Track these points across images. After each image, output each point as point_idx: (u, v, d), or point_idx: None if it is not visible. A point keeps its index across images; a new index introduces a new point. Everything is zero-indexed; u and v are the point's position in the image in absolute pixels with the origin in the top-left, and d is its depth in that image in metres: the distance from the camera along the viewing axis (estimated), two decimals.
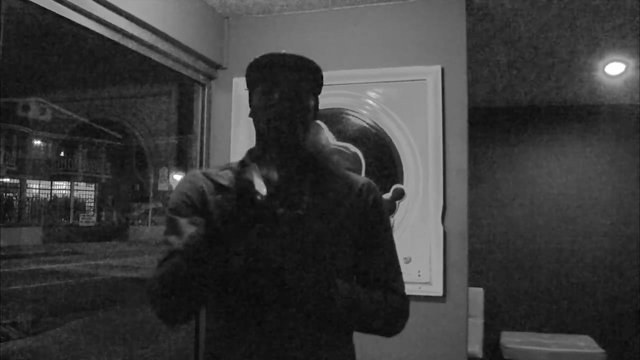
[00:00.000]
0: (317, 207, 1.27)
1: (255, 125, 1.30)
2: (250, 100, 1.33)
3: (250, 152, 1.36)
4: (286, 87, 1.24)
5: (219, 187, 1.29)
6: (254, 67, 1.28)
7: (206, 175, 1.32)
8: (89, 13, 2.09)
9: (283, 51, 1.26)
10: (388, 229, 1.39)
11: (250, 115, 1.32)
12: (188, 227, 1.22)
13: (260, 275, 1.17)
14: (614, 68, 3.73)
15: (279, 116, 1.23)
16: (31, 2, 1.88)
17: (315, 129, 2.74)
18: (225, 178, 1.31)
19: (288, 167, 1.28)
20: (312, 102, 1.30)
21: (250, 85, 1.32)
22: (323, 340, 1.23)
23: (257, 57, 1.26)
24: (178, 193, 1.30)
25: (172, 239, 1.22)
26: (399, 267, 1.38)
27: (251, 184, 1.00)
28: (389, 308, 1.30)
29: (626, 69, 3.73)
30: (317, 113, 1.34)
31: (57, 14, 1.99)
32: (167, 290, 1.13)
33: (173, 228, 1.24)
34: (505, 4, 2.76)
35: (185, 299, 1.14)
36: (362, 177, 1.41)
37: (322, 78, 1.32)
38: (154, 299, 1.17)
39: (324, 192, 1.31)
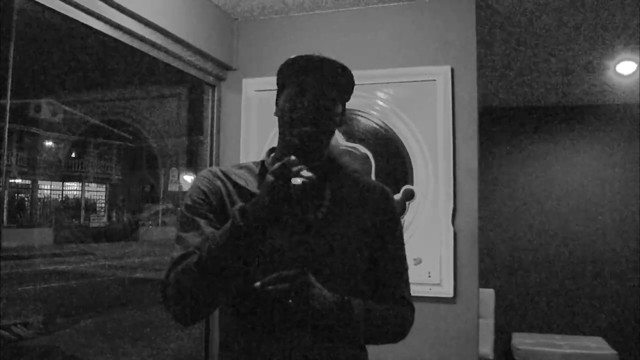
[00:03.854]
0: (337, 212, 1.28)
1: (280, 126, 1.28)
2: (277, 98, 1.31)
3: (270, 152, 1.36)
4: (315, 93, 1.22)
5: (236, 187, 1.28)
6: (286, 66, 1.25)
7: (224, 173, 1.30)
8: (100, 15, 2.10)
9: (318, 53, 1.24)
10: (401, 237, 1.40)
11: (276, 114, 1.30)
12: (204, 227, 1.20)
13: (279, 283, 1.12)
14: (626, 67, 3.70)
15: (304, 122, 1.21)
16: (43, 4, 1.89)
17: None
18: (242, 178, 1.30)
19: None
20: (339, 109, 1.29)
21: (280, 84, 1.30)
22: (338, 347, 1.23)
23: (291, 56, 1.24)
24: (196, 190, 1.27)
25: (188, 237, 1.20)
26: (408, 275, 1.39)
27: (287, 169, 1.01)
28: (399, 320, 1.31)
29: (638, 68, 3.70)
30: (343, 120, 1.33)
31: (69, 17, 2.00)
32: (185, 290, 1.11)
33: (188, 226, 1.22)
34: (514, 3, 2.74)
35: (202, 300, 1.12)
36: (378, 183, 1.42)
37: (353, 85, 1.30)
38: (170, 298, 1.15)
39: (343, 197, 1.31)
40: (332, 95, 1.24)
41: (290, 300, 1.08)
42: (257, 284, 1.08)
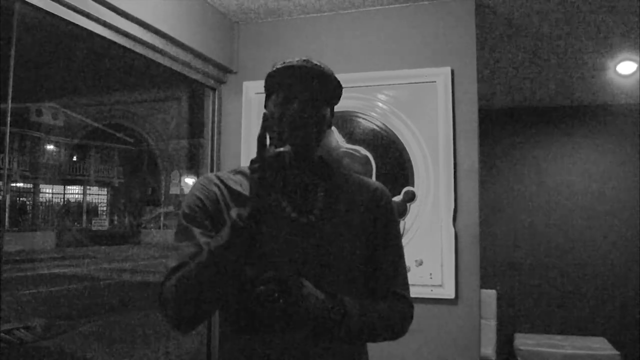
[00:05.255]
0: (330, 212, 1.29)
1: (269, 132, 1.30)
2: (265, 104, 1.32)
3: None
4: (303, 99, 1.23)
5: (232, 193, 1.29)
6: (274, 73, 1.26)
7: (220, 179, 1.31)
8: (101, 19, 2.11)
9: (304, 59, 1.25)
10: (398, 235, 1.40)
11: None
12: (198, 237, 1.21)
13: (271, 284, 1.14)
14: (626, 67, 3.70)
15: (293, 128, 1.23)
16: (44, 9, 1.90)
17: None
18: (238, 183, 1.31)
19: (301, 174, 1.29)
20: (327, 113, 1.30)
21: (268, 90, 1.31)
22: (336, 347, 1.23)
23: (278, 63, 1.26)
24: (192, 198, 1.28)
25: (183, 246, 1.21)
26: (406, 273, 1.39)
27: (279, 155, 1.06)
28: (396, 317, 1.31)
29: (638, 68, 3.69)
30: (331, 122, 1.34)
31: (70, 21, 2.01)
32: (183, 296, 1.13)
33: (185, 235, 1.23)
34: (514, 4, 2.75)
35: (200, 305, 1.13)
36: (374, 182, 1.42)
37: (340, 90, 1.31)
38: (167, 306, 1.16)
39: (336, 198, 1.32)
40: (317, 100, 1.25)
41: (280, 301, 1.09)
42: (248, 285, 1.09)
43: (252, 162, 1.09)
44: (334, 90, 1.30)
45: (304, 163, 1.29)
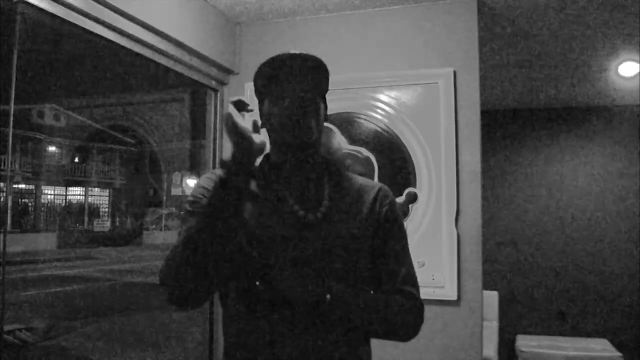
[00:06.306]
0: (336, 211, 1.29)
1: (269, 133, 1.29)
2: (260, 110, 1.31)
3: (267, 158, 1.37)
4: (295, 90, 1.23)
5: None
6: (259, 76, 1.27)
7: None
8: (103, 21, 2.11)
9: (288, 52, 1.24)
10: (403, 234, 1.39)
11: (262, 125, 1.29)
12: None
13: (278, 279, 1.17)
14: (628, 68, 3.69)
15: (293, 120, 1.22)
16: (46, 10, 1.90)
17: (327, 133, 2.74)
18: None
19: (306, 172, 1.30)
20: (321, 103, 1.29)
21: (259, 95, 1.31)
22: (339, 342, 1.23)
23: (260, 65, 1.25)
24: (197, 187, 1.31)
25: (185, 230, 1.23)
26: (414, 271, 1.38)
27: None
28: (406, 313, 1.30)
29: None
30: (326, 114, 1.33)
31: (72, 22, 2.01)
32: (173, 259, 1.15)
33: (188, 220, 1.25)
34: (516, 5, 2.74)
35: (191, 275, 1.12)
36: (376, 183, 1.42)
37: (328, 75, 1.30)
38: (166, 273, 1.16)
39: (341, 196, 1.32)
40: (311, 90, 1.25)
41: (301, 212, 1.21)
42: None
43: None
44: (321, 75, 1.28)
45: (308, 156, 1.29)
